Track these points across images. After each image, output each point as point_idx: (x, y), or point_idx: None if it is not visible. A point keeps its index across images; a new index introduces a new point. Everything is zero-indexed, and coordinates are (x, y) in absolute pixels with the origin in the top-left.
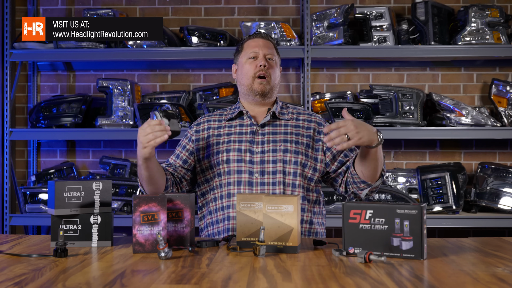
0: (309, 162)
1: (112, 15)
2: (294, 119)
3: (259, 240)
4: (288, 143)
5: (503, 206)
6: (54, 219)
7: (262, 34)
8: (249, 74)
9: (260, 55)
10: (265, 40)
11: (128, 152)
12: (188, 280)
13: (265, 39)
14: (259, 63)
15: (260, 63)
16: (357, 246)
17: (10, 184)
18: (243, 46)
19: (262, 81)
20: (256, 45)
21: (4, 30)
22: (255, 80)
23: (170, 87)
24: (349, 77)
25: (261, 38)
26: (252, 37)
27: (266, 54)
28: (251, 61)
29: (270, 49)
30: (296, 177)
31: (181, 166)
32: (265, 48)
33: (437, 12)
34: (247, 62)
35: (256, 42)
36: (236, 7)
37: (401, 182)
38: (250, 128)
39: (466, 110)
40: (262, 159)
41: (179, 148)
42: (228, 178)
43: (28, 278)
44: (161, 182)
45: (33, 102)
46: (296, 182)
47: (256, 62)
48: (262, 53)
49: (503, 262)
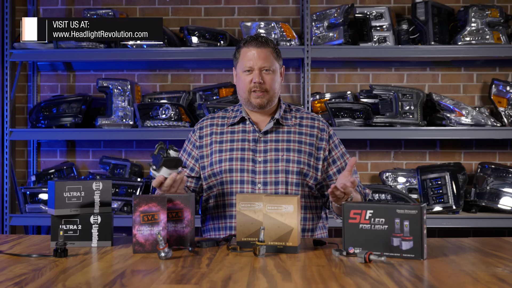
0: (310, 172)
1: (112, 15)
2: (297, 124)
3: (259, 240)
4: (290, 152)
5: (503, 206)
6: (54, 219)
7: (258, 41)
8: (245, 88)
9: (255, 70)
10: (261, 49)
11: (128, 152)
12: (188, 280)
13: (261, 48)
14: (254, 80)
15: (254, 80)
16: (357, 246)
17: (10, 184)
18: (240, 53)
19: (259, 95)
20: (251, 58)
21: (4, 30)
22: (251, 94)
23: (170, 87)
24: (349, 77)
25: (255, 47)
26: (247, 45)
27: (262, 68)
28: (247, 74)
29: (265, 60)
30: (299, 187)
31: (189, 176)
32: (260, 60)
33: (437, 12)
34: (243, 74)
35: (251, 52)
36: (236, 7)
37: (401, 182)
38: (253, 135)
39: (466, 110)
40: (264, 169)
41: (185, 155)
42: (231, 187)
43: (28, 278)
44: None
45: (33, 102)
46: (299, 192)
47: (251, 77)
48: (257, 67)
49: (503, 262)
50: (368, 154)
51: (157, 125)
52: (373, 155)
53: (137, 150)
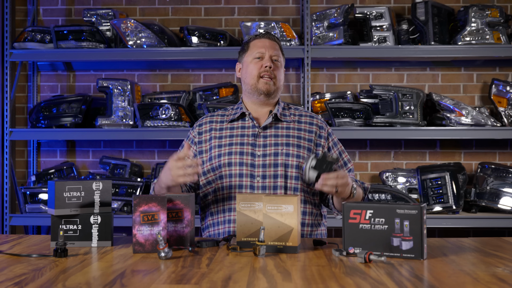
0: None
1: (112, 15)
2: (296, 121)
3: (259, 240)
4: (290, 147)
5: (503, 206)
6: (54, 219)
7: (269, 35)
8: (254, 73)
9: (266, 56)
10: (272, 41)
11: (128, 152)
12: (188, 280)
13: (272, 40)
14: (264, 64)
15: (266, 64)
16: (357, 246)
17: (10, 184)
18: (249, 45)
19: (268, 81)
20: (263, 46)
21: (4, 30)
22: (260, 80)
23: (170, 87)
24: (349, 77)
25: (268, 38)
26: (259, 37)
27: (272, 55)
28: (257, 61)
29: (276, 50)
30: (298, 181)
31: None
32: (271, 49)
33: (437, 12)
34: (252, 62)
35: (262, 42)
36: (236, 7)
37: (401, 182)
38: (252, 131)
39: (466, 110)
40: (264, 163)
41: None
42: (230, 181)
43: (28, 278)
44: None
45: (33, 102)
46: (298, 186)
47: (261, 63)
48: (268, 54)
49: (503, 262)
50: (368, 154)
51: (157, 125)
52: (373, 155)
53: (137, 150)
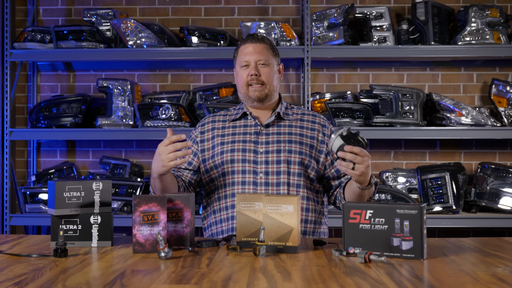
0: (312, 163)
1: (112, 15)
2: (298, 119)
3: (259, 240)
4: (292, 144)
5: (503, 206)
6: (54, 219)
7: (254, 37)
8: (242, 82)
9: (251, 63)
10: (257, 44)
11: (128, 152)
12: (188, 280)
13: (257, 43)
14: (250, 73)
15: (251, 73)
16: (357, 246)
17: (10, 184)
18: (238, 52)
19: (256, 88)
20: (247, 52)
21: (4, 30)
22: (250, 88)
23: (170, 87)
24: (349, 77)
25: (251, 43)
26: (244, 42)
27: (258, 60)
28: (244, 69)
29: (261, 54)
30: (301, 178)
31: (186, 169)
32: (255, 54)
33: (437, 12)
34: (241, 70)
35: (247, 48)
36: (236, 7)
37: (401, 182)
38: (255, 129)
39: (466, 110)
40: (266, 159)
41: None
42: (233, 178)
43: (28, 278)
44: (175, 190)
45: (33, 102)
46: (301, 182)
47: (248, 71)
48: (253, 61)
49: (503, 262)
50: None
51: (157, 125)
52: (373, 155)
53: (137, 150)
